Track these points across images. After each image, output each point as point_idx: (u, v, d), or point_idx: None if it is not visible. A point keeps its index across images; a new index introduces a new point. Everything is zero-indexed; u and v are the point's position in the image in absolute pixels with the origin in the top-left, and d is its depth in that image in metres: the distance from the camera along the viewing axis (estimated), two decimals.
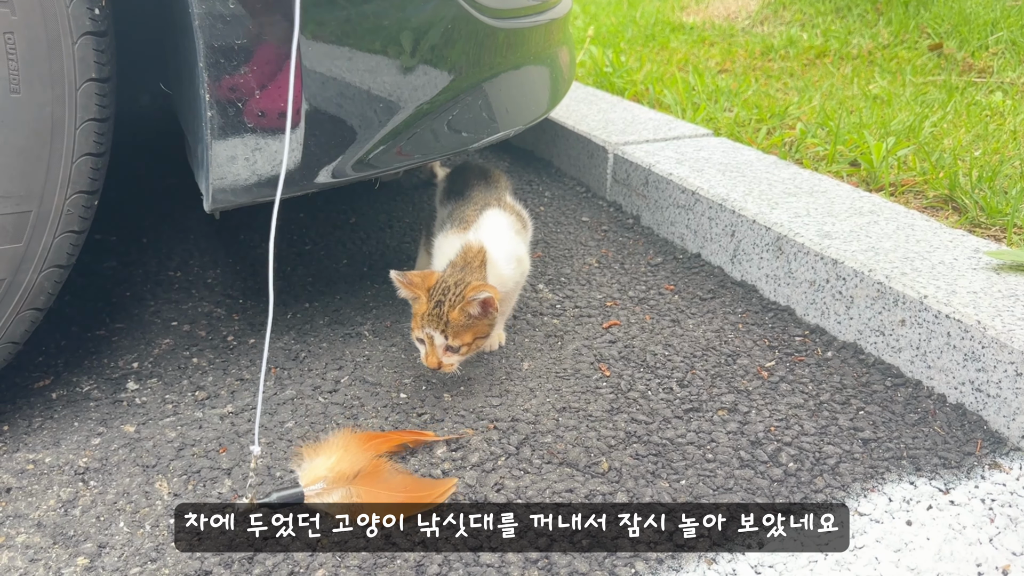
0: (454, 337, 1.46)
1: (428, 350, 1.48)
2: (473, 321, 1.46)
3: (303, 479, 1.23)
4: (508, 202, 1.79)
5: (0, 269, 1.25)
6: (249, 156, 1.33)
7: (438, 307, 1.45)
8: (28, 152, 1.21)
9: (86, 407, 1.51)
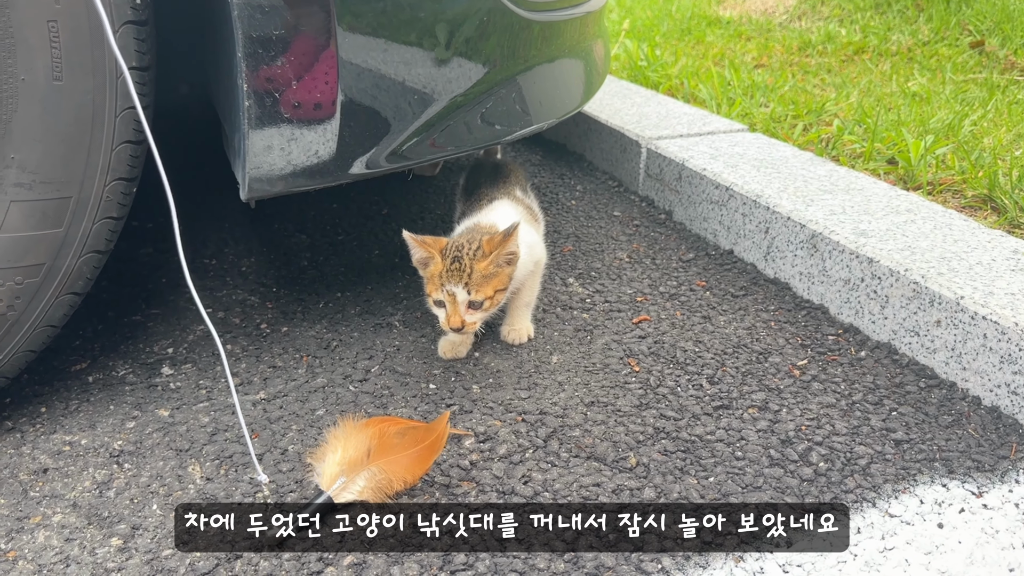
0: (476, 290, 1.48)
1: (450, 310, 1.50)
2: (496, 271, 1.49)
3: (323, 484, 1.23)
4: (518, 196, 1.82)
5: (40, 253, 1.27)
6: (285, 146, 1.34)
7: (457, 262, 1.48)
8: (69, 139, 1.23)
9: (121, 391, 1.54)
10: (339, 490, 1.22)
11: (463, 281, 1.48)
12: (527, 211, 1.78)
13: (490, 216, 1.68)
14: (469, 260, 1.48)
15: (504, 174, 1.90)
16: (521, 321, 1.71)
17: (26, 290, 1.28)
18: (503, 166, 1.97)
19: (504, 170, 1.93)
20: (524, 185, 1.93)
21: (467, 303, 1.49)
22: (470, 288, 1.48)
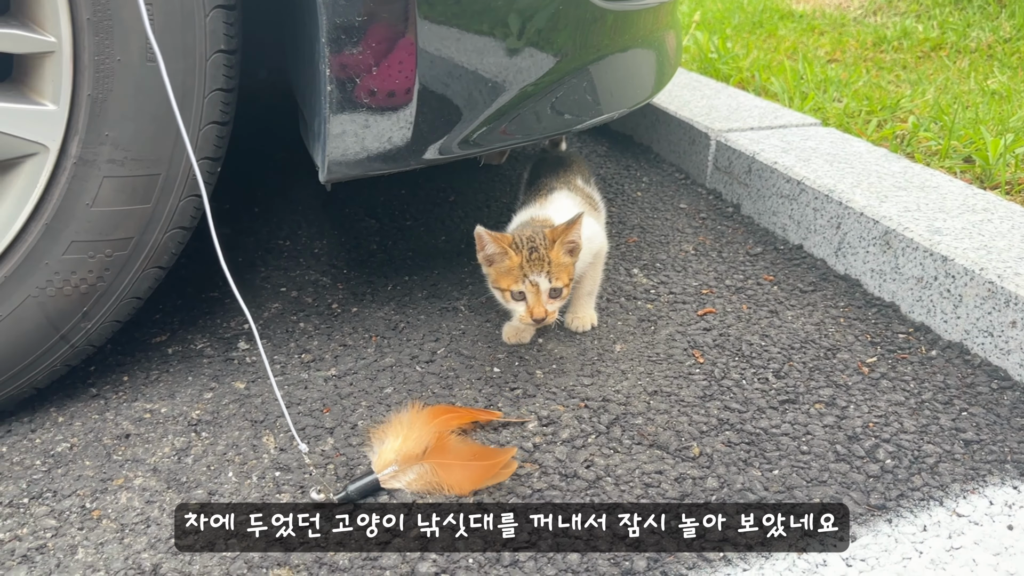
0: (556, 278, 1.51)
1: (532, 300, 1.52)
2: (567, 260, 1.53)
3: (375, 465, 1.26)
4: (578, 185, 1.83)
5: (130, 228, 1.33)
6: (364, 131, 1.37)
7: (535, 252, 1.51)
8: (160, 119, 1.28)
9: (200, 363, 1.60)
10: (388, 477, 1.25)
11: (544, 270, 1.50)
12: (586, 201, 1.79)
13: (546, 209, 1.70)
14: (545, 250, 1.51)
15: (565, 164, 1.91)
16: (584, 309, 1.73)
17: (115, 262, 1.34)
18: (565, 157, 1.98)
19: (565, 160, 1.94)
20: (586, 175, 1.94)
21: (548, 291, 1.51)
22: (551, 276, 1.51)
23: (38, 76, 1.25)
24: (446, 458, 1.28)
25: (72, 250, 1.30)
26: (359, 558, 1.14)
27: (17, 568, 1.14)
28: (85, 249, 1.31)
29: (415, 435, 1.29)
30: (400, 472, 1.25)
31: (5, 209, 1.29)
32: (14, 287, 1.30)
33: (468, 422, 1.40)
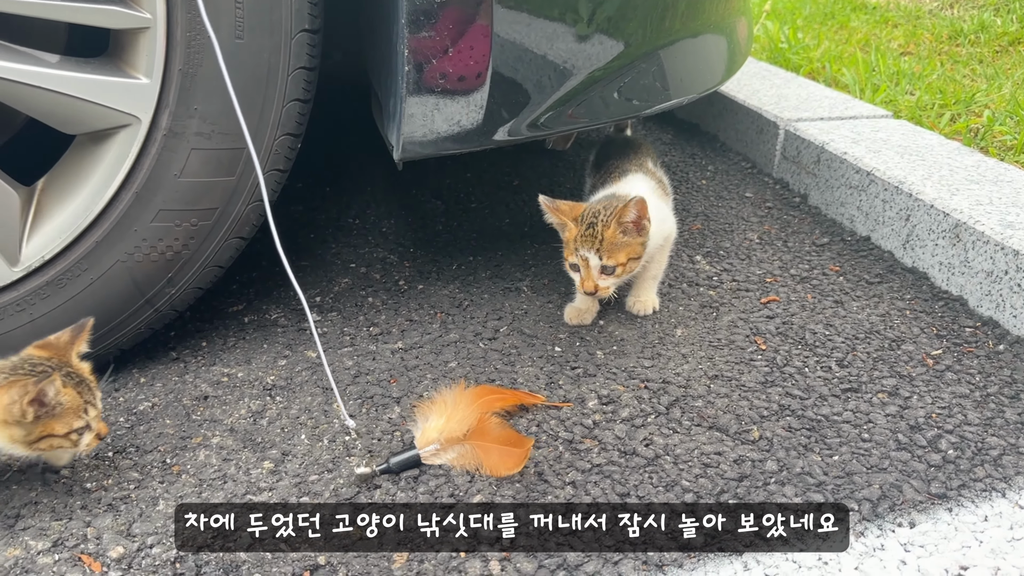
0: (608, 256, 1.52)
1: (584, 274, 1.55)
2: (627, 239, 1.52)
3: (418, 441, 1.29)
4: (649, 168, 1.83)
5: (214, 199, 1.39)
6: (438, 111, 1.41)
7: (591, 228, 1.52)
8: (246, 94, 1.33)
9: (274, 332, 1.67)
10: (430, 454, 1.28)
11: (595, 247, 1.52)
12: (658, 184, 1.80)
13: (625, 187, 1.71)
14: (601, 227, 1.52)
15: (635, 147, 1.92)
16: (647, 293, 1.74)
17: (200, 231, 1.40)
18: (633, 140, 1.99)
19: (635, 144, 1.95)
20: (655, 159, 1.94)
21: (600, 268, 1.53)
22: (602, 254, 1.52)
23: (133, 51, 1.32)
24: (486, 440, 1.30)
25: (160, 218, 1.37)
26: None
27: (103, 515, 1.21)
28: (172, 218, 1.37)
29: (459, 415, 1.32)
30: (442, 450, 1.28)
31: (98, 177, 1.36)
32: (104, 252, 1.37)
33: (512, 404, 1.42)
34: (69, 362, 1.20)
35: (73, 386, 1.16)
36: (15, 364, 1.18)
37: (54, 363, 1.18)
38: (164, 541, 1.16)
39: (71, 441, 1.17)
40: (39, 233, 1.37)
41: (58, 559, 1.14)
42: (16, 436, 1.13)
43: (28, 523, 1.20)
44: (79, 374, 1.20)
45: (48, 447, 1.17)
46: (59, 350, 1.21)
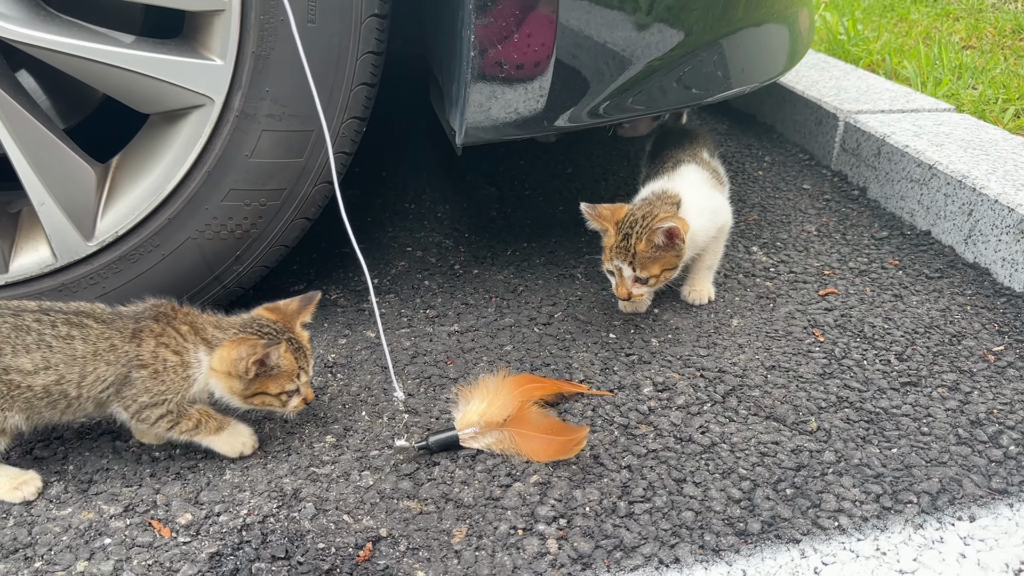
0: (641, 269, 1.51)
1: (618, 281, 1.55)
2: (660, 253, 1.51)
3: (458, 423, 1.31)
4: (704, 158, 1.81)
5: (283, 179, 1.42)
6: (502, 97, 1.42)
7: (626, 239, 1.51)
8: (316, 77, 1.36)
9: (334, 312, 1.70)
10: (468, 436, 1.30)
11: (628, 260, 1.52)
12: (712, 175, 1.79)
13: (674, 182, 1.70)
14: (635, 240, 1.50)
15: (691, 136, 1.90)
16: (702, 283, 1.74)
17: (268, 211, 1.44)
18: (690, 130, 1.98)
19: (691, 133, 1.94)
20: (711, 148, 1.92)
21: (633, 279, 1.53)
22: (635, 266, 1.51)
23: (208, 33, 1.35)
24: (525, 428, 1.32)
25: (230, 197, 1.40)
26: (482, 496, 1.20)
27: (172, 483, 1.25)
28: (242, 197, 1.41)
29: (499, 402, 1.33)
30: (480, 434, 1.30)
31: (171, 156, 1.40)
32: (176, 228, 1.42)
33: (552, 393, 1.43)
34: (292, 328, 1.26)
35: (292, 351, 1.23)
36: (245, 322, 1.24)
37: (279, 327, 1.24)
38: (231, 510, 1.19)
39: (280, 401, 1.24)
40: (113, 209, 1.42)
41: (129, 523, 1.18)
42: (235, 388, 1.20)
43: (100, 488, 1.25)
44: (299, 341, 1.25)
45: (260, 403, 1.23)
46: (286, 316, 1.27)
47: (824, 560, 1.09)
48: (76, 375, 1.18)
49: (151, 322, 1.21)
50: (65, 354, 1.17)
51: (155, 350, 1.19)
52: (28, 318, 1.19)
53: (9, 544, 1.15)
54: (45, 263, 1.42)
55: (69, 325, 1.19)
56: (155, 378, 1.19)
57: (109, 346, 1.19)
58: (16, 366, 1.16)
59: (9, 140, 1.34)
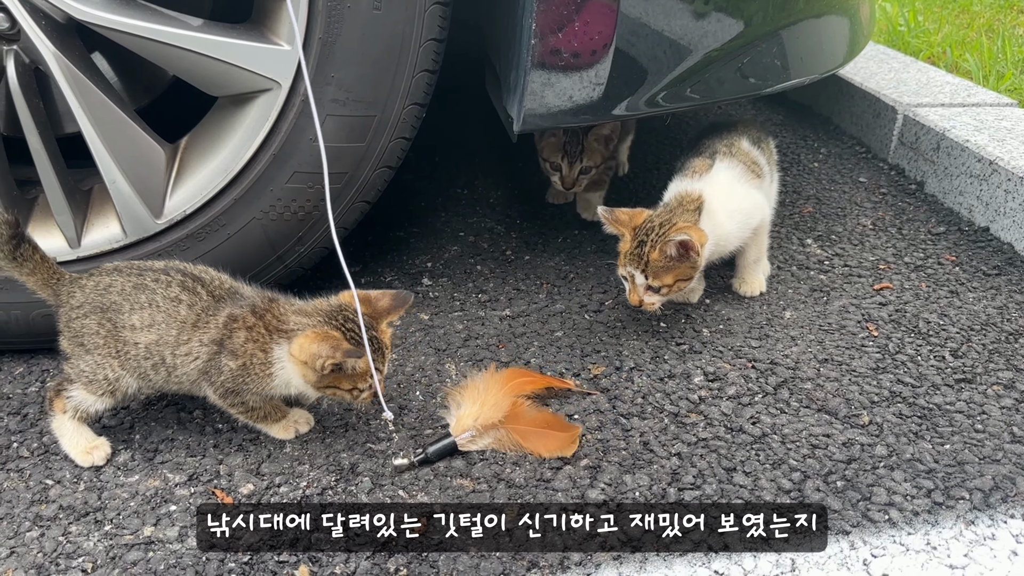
0: (654, 278, 1.47)
1: (630, 288, 1.52)
2: (673, 263, 1.46)
3: (453, 429, 1.30)
4: (742, 149, 1.71)
5: (345, 163, 1.46)
6: (561, 85, 1.44)
7: (640, 247, 1.48)
8: (380, 63, 1.39)
9: None
10: (466, 441, 1.29)
11: (640, 268, 1.48)
12: (748, 168, 1.67)
13: (701, 182, 1.61)
14: (648, 249, 1.47)
15: (731, 127, 1.81)
16: (752, 275, 1.74)
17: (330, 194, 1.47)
18: (733, 119, 1.90)
19: (732, 123, 1.84)
20: (755, 136, 1.79)
21: (645, 287, 1.50)
22: (647, 275, 1.48)
23: (276, 18, 1.39)
24: (521, 424, 1.32)
25: (294, 180, 1.44)
26: (532, 477, 1.23)
27: (234, 455, 1.30)
28: (305, 180, 1.44)
29: (492, 400, 1.33)
30: (477, 436, 1.30)
31: (239, 138, 1.44)
32: (242, 209, 1.46)
33: (542, 388, 1.42)
34: (378, 326, 1.24)
35: (371, 352, 1.21)
36: (332, 310, 1.23)
37: (365, 323, 1.21)
38: (291, 481, 1.24)
39: (351, 395, 1.24)
40: (181, 188, 1.46)
41: (193, 492, 1.23)
42: (309, 379, 1.20)
43: (166, 457, 1.30)
44: (379, 340, 1.23)
45: (331, 394, 1.23)
46: (375, 312, 1.25)
47: (874, 552, 1.10)
48: (172, 339, 1.21)
49: (248, 313, 1.22)
50: (168, 315, 1.22)
51: (244, 344, 1.21)
52: (148, 277, 1.23)
53: (80, 507, 1.21)
54: (115, 239, 1.47)
55: (181, 288, 1.23)
56: (244, 370, 1.21)
57: (206, 323, 1.21)
58: (129, 323, 1.22)
59: (84, 119, 1.39)
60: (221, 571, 1.09)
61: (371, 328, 1.22)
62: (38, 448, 1.33)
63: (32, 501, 1.22)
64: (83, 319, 1.23)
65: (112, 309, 1.22)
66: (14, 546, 1.14)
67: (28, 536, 1.16)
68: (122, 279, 1.24)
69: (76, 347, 1.25)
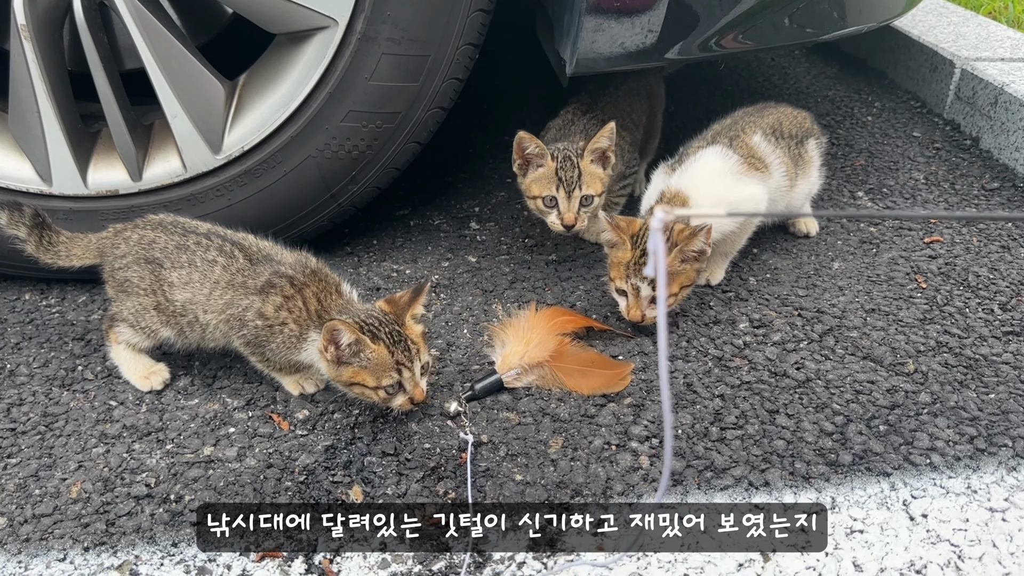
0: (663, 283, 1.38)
1: (631, 302, 1.42)
2: (682, 268, 1.39)
3: (499, 366, 1.32)
4: (746, 140, 1.57)
5: (399, 103, 1.48)
6: (616, 28, 1.44)
7: (645, 255, 1.36)
8: (435, 2, 1.40)
9: (437, 236, 1.76)
10: (512, 378, 1.31)
11: (649, 279, 1.38)
12: (747, 160, 1.53)
13: (682, 177, 1.50)
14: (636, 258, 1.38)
15: (746, 112, 1.69)
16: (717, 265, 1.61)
17: (383, 133, 1.50)
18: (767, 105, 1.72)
19: (761, 109, 1.70)
20: (778, 127, 1.63)
21: (650, 299, 1.41)
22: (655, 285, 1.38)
23: None
24: (566, 362, 1.34)
25: (349, 119, 1.47)
26: (577, 413, 1.26)
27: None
28: (360, 119, 1.47)
29: (536, 339, 1.35)
30: (523, 374, 1.32)
31: (296, 76, 1.47)
32: (298, 147, 1.49)
33: (581, 327, 1.43)
34: (401, 320, 1.21)
35: (387, 344, 1.17)
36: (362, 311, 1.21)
37: (387, 318, 1.19)
38: (344, 409, 1.28)
39: (379, 396, 1.19)
40: (240, 125, 1.50)
41: (251, 415, 1.28)
42: (329, 372, 1.20)
43: (224, 383, 1.35)
44: (402, 334, 1.19)
45: (359, 393, 1.20)
46: (397, 309, 1.22)
47: (913, 493, 1.11)
48: (204, 298, 1.25)
49: (287, 283, 1.22)
50: (203, 274, 1.25)
51: (278, 311, 1.21)
52: (191, 239, 1.27)
53: (143, 427, 1.26)
54: (175, 173, 1.51)
55: (219, 251, 1.26)
56: (269, 330, 1.22)
57: (241, 283, 1.24)
58: (168, 279, 1.26)
59: (148, 54, 1.42)
60: (278, 489, 1.14)
61: (393, 323, 1.20)
62: (102, 371, 1.38)
63: (97, 420, 1.28)
64: (125, 270, 1.29)
65: (156, 262, 1.27)
66: (82, 460, 1.20)
67: (95, 452, 1.22)
68: (165, 236, 1.28)
69: (119, 292, 1.31)
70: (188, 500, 1.13)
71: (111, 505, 1.12)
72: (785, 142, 1.61)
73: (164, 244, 1.27)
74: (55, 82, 1.45)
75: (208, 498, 1.13)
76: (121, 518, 1.10)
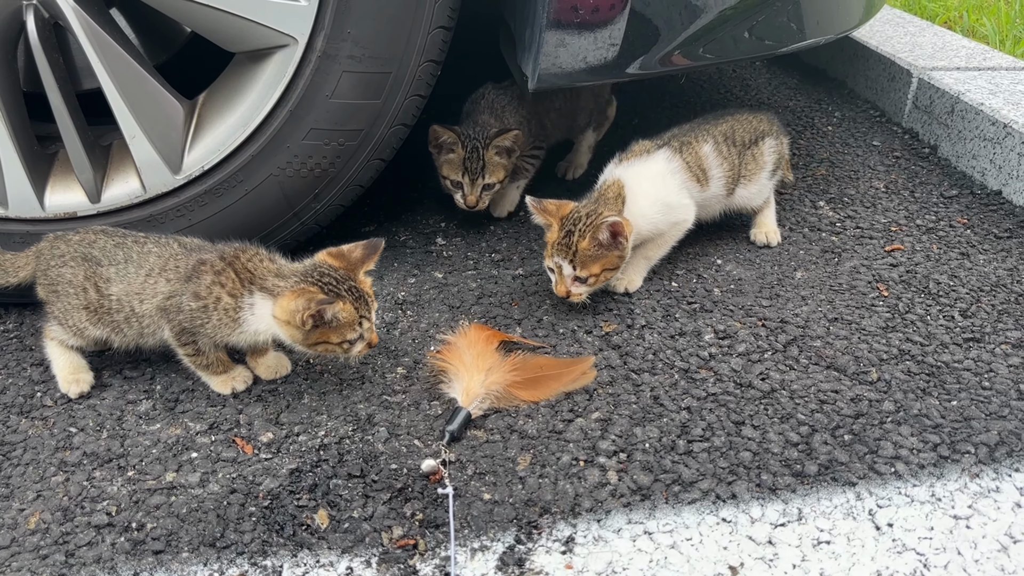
0: (582, 267, 1.46)
1: (557, 279, 1.50)
2: (602, 252, 1.45)
3: (463, 401, 1.29)
4: (698, 151, 1.65)
5: (360, 120, 1.47)
6: (576, 43, 1.45)
7: (568, 236, 1.46)
8: (396, 20, 1.40)
9: (404, 253, 1.76)
10: (476, 408, 1.29)
11: (568, 258, 1.46)
12: (690, 168, 1.62)
13: (627, 171, 1.60)
14: (577, 238, 1.45)
15: (708, 120, 1.75)
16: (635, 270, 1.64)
17: (346, 151, 1.49)
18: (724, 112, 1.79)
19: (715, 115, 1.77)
20: (735, 135, 1.71)
21: (572, 277, 1.48)
22: (575, 265, 1.46)
23: None
24: (527, 374, 1.34)
25: (311, 136, 1.46)
26: (545, 429, 1.26)
27: (253, 405, 1.33)
28: (322, 136, 1.46)
29: (488, 363, 1.35)
30: (485, 399, 1.30)
31: (255, 94, 1.46)
32: (259, 165, 1.47)
33: (501, 341, 1.44)
34: (355, 276, 1.25)
35: (352, 301, 1.22)
36: (307, 269, 1.24)
37: (341, 275, 1.24)
38: (309, 431, 1.27)
39: (342, 349, 1.25)
40: (199, 144, 1.48)
41: (214, 440, 1.26)
42: (296, 337, 1.22)
43: (187, 407, 1.33)
44: (360, 289, 1.24)
45: (323, 350, 1.25)
46: (349, 264, 1.26)
47: (879, 503, 1.12)
48: (139, 286, 1.27)
49: (216, 258, 1.25)
50: (138, 265, 1.28)
51: (210, 287, 1.23)
52: (130, 240, 1.31)
53: (104, 454, 1.24)
54: (134, 194, 1.49)
55: (156, 243, 1.31)
56: (204, 311, 1.24)
57: (174, 267, 1.27)
58: (105, 276, 1.29)
59: (104, 75, 1.40)
60: (242, 515, 1.12)
61: (349, 279, 1.24)
62: (61, 398, 1.36)
63: (56, 447, 1.25)
64: (60, 267, 1.31)
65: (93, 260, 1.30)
66: (40, 490, 1.18)
67: (54, 480, 1.19)
68: (106, 238, 1.32)
69: (50, 293, 1.34)
70: (150, 528, 1.10)
71: (71, 535, 1.10)
72: (736, 149, 1.71)
73: (103, 244, 1.31)
74: (9, 103, 1.43)
75: (170, 526, 1.11)
76: (81, 548, 1.08)
